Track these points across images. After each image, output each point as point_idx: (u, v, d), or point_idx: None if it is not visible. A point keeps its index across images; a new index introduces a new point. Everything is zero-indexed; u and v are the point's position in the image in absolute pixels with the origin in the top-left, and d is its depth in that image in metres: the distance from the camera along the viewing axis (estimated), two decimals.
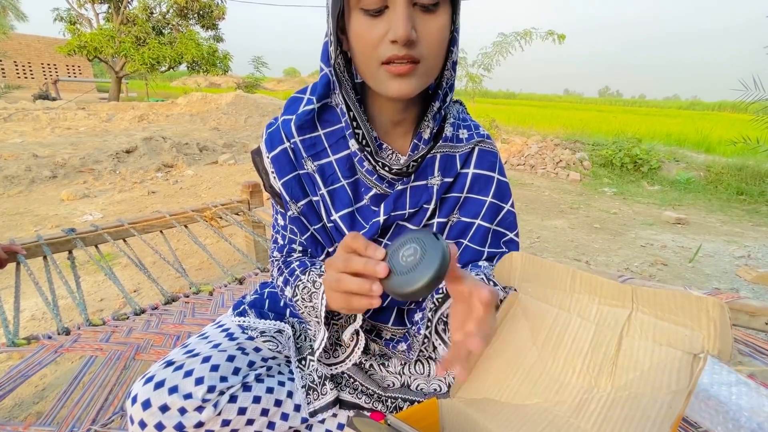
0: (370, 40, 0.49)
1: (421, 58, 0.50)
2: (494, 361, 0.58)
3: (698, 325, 0.47)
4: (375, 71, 0.51)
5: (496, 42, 8.17)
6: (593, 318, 0.54)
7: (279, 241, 0.72)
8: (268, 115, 9.45)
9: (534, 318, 0.58)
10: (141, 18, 13.12)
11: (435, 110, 0.59)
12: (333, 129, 0.62)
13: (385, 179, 0.62)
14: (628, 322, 0.52)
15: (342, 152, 0.62)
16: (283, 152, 0.62)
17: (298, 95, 0.66)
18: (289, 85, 38.27)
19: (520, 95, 53.68)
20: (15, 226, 3.10)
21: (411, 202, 0.63)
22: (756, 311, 0.93)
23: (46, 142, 5.39)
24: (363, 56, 0.51)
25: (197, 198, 4.01)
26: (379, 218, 0.62)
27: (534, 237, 3.35)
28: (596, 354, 0.52)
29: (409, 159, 0.60)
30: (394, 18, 0.47)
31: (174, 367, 0.57)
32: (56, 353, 0.89)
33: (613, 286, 0.55)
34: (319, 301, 0.56)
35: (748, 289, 2.58)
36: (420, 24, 0.49)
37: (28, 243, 1.33)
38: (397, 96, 0.52)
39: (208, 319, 1.12)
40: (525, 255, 0.63)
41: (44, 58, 20.54)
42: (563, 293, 0.57)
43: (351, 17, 0.50)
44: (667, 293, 0.49)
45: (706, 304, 0.46)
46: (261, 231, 1.88)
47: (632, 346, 0.50)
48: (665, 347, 0.48)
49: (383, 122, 0.62)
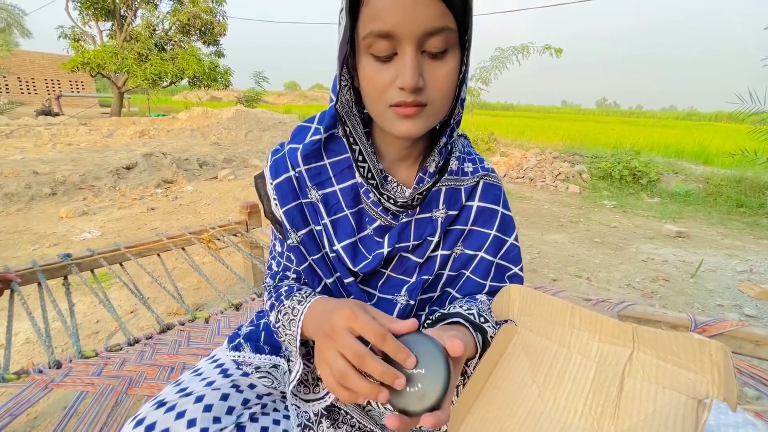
0: (380, 84, 0.50)
1: (428, 102, 0.51)
2: (495, 398, 0.57)
3: (701, 368, 0.45)
4: (383, 112, 0.53)
5: (494, 57, 8.29)
6: (594, 356, 0.53)
7: (274, 267, 0.71)
8: (268, 130, 9.52)
9: (534, 353, 0.57)
10: (144, 35, 13.34)
11: (441, 145, 0.60)
12: (338, 159, 0.63)
13: (389, 211, 0.62)
14: (630, 362, 0.50)
15: (347, 182, 0.62)
16: (287, 180, 0.62)
17: (306, 124, 0.66)
18: (290, 98, 38.67)
19: (518, 107, 54.23)
20: (13, 244, 3.09)
21: (415, 234, 0.63)
22: (761, 340, 0.91)
23: (47, 159, 5.42)
24: (371, 98, 0.53)
25: (196, 214, 4.01)
26: (383, 250, 0.62)
27: (534, 252, 3.33)
28: (598, 395, 0.51)
29: (414, 192, 0.60)
30: (402, 66, 0.48)
31: (165, 408, 0.56)
32: (46, 389, 0.87)
33: (613, 324, 0.53)
34: (297, 329, 0.55)
35: (751, 305, 2.55)
36: (428, 71, 0.50)
37: (23, 270, 1.32)
38: (404, 136, 0.53)
39: (204, 349, 1.10)
40: (523, 288, 0.61)
41: (48, 74, 20.80)
42: (563, 329, 0.56)
43: (361, 59, 0.51)
44: (668, 334, 0.48)
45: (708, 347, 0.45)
46: (259, 252, 1.86)
47: (635, 388, 0.49)
48: (669, 390, 0.47)
49: (390, 154, 0.63)
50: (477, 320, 0.57)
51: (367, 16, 0.48)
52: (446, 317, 0.58)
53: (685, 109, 58.56)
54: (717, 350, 0.41)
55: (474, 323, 0.57)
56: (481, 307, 0.62)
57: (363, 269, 0.63)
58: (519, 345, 0.58)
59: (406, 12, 0.45)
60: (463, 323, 0.56)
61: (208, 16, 13.80)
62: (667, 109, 79.56)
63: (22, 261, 2.79)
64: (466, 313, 0.58)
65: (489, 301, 0.66)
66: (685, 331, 0.98)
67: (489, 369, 0.57)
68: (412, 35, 0.47)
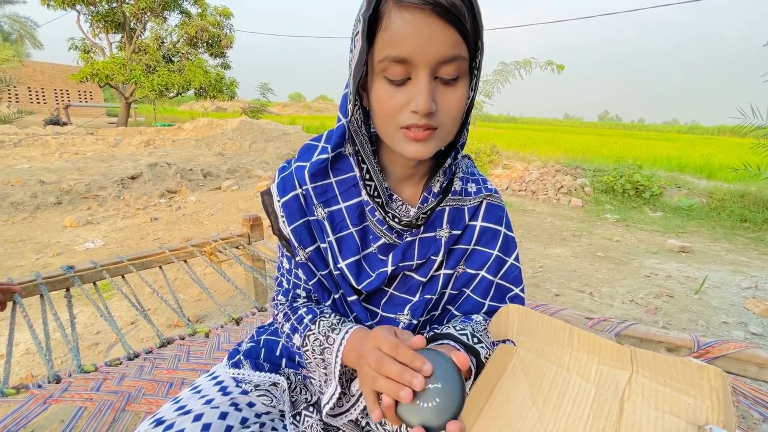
0: (392, 106, 0.51)
1: (439, 125, 0.52)
2: (495, 421, 0.56)
3: (701, 394, 0.45)
4: (394, 133, 0.54)
5: (497, 70, 8.38)
6: (593, 379, 0.53)
7: (284, 284, 0.71)
8: (272, 141, 9.61)
9: (534, 375, 0.57)
10: (152, 47, 13.58)
11: (446, 166, 0.61)
12: (345, 177, 0.64)
13: (394, 229, 0.62)
14: (629, 386, 0.50)
15: (352, 200, 0.63)
16: (294, 198, 0.63)
17: (313, 143, 0.67)
18: (294, 109, 39.08)
19: (520, 119, 54.52)
20: (17, 253, 3.10)
21: (419, 253, 0.64)
22: (765, 362, 0.90)
23: (53, 168, 5.48)
24: (383, 119, 0.54)
25: (199, 225, 4.02)
26: (387, 268, 0.62)
27: (537, 266, 3.31)
28: (598, 419, 0.50)
29: (419, 211, 0.61)
30: (416, 91, 0.49)
31: (164, 427, 0.56)
32: (45, 404, 0.86)
33: (611, 346, 0.53)
34: (333, 357, 0.57)
35: (757, 322, 2.52)
36: (440, 96, 0.51)
37: (26, 282, 1.32)
38: (413, 158, 0.54)
39: (203, 364, 1.10)
40: (521, 308, 0.61)
41: (57, 84, 21.15)
42: (561, 350, 0.56)
43: (374, 82, 0.53)
44: (666, 358, 0.48)
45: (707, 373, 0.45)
46: (260, 265, 1.87)
47: (635, 412, 0.48)
48: (668, 416, 0.46)
49: (395, 173, 0.64)
50: (470, 341, 0.57)
51: (383, 41, 0.49)
52: (438, 338, 0.58)
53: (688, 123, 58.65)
54: (716, 376, 0.41)
55: (466, 345, 0.57)
56: (475, 327, 0.62)
57: (366, 287, 0.64)
58: (518, 366, 0.58)
59: (423, 40, 0.47)
60: (454, 345, 0.56)
61: (215, 29, 14.07)
62: (670, 123, 79.65)
63: (26, 270, 2.80)
64: (458, 335, 0.58)
65: (486, 322, 0.66)
66: (687, 352, 0.97)
67: (488, 390, 0.57)
68: (428, 62, 0.48)
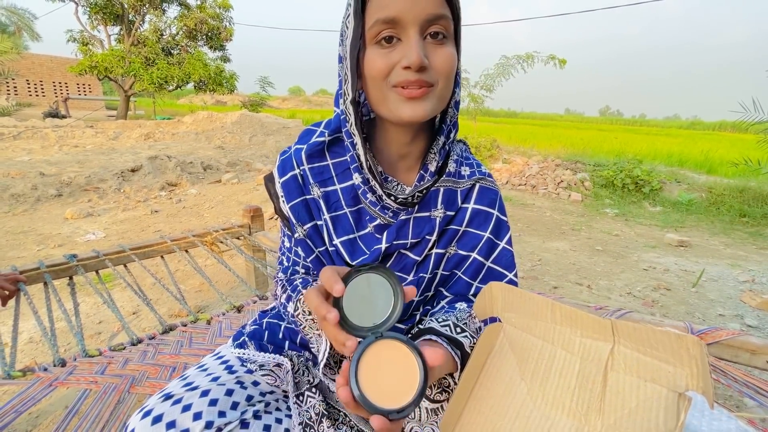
0: (384, 67, 0.53)
1: (434, 82, 0.54)
2: (485, 399, 0.58)
3: (680, 362, 0.46)
4: (387, 94, 0.55)
5: (499, 64, 8.34)
6: (577, 351, 0.54)
7: (284, 262, 0.74)
8: (272, 134, 9.58)
9: (520, 350, 0.58)
10: (151, 39, 13.50)
11: (440, 145, 0.62)
12: (341, 160, 0.66)
13: (389, 209, 0.64)
14: (612, 356, 0.51)
15: (347, 182, 0.65)
16: (292, 178, 0.66)
17: (312, 128, 0.70)
18: (294, 103, 38.92)
19: (521, 114, 54.29)
20: (18, 245, 3.12)
21: (414, 232, 0.65)
22: (757, 349, 0.92)
23: (53, 160, 5.48)
24: (375, 82, 0.55)
25: (200, 217, 4.03)
26: (381, 245, 0.64)
27: (535, 259, 3.33)
28: (583, 390, 0.51)
29: (414, 189, 0.62)
30: (407, 47, 0.52)
31: (172, 401, 0.57)
32: (51, 387, 0.88)
33: (592, 319, 0.54)
34: None
35: (753, 315, 2.54)
36: (431, 53, 0.53)
37: (30, 269, 1.34)
38: (409, 119, 0.55)
39: (205, 350, 1.11)
40: (504, 285, 0.62)
41: (56, 77, 21.04)
42: (545, 324, 0.57)
43: (367, 52, 0.55)
44: (646, 329, 0.49)
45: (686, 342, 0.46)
46: (261, 256, 1.88)
47: (618, 382, 0.49)
48: (650, 384, 0.47)
49: (390, 155, 0.65)
50: (453, 332, 0.58)
51: (372, 9, 0.52)
52: (421, 333, 0.59)
53: (689, 118, 58.45)
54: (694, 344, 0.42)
55: (449, 337, 0.58)
56: (459, 315, 0.62)
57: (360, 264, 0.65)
58: (505, 342, 0.59)
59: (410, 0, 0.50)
60: (436, 340, 0.57)
61: (215, 22, 13.97)
62: (671, 118, 79.37)
63: (27, 261, 2.82)
64: (440, 328, 0.59)
65: (470, 308, 0.67)
66: None
67: (478, 370, 0.58)
68: (416, 20, 0.51)
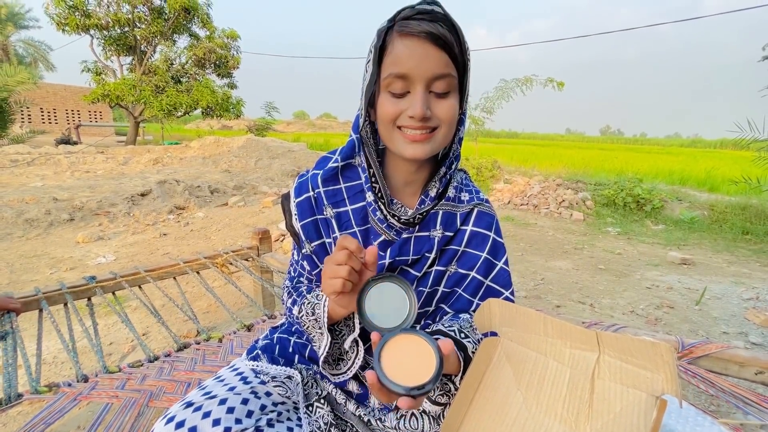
0: (393, 112, 0.64)
1: (437, 126, 0.65)
2: (485, 408, 0.63)
3: (656, 367, 0.51)
4: (393, 133, 0.66)
5: (498, 87, 8.58)
6: (567, 361, 0.59)
7: (292, 272, 0.85)
8: (277, 158, 9.78)
9: (516, 362, 0.63)
10: (161, 68, 14.01)
11: (442, 174, 0.72)
12: (353, 184, 0.75)
13: (393, 228, 0.73)
14: (598, 365, 0.57)
15: (358, 203, 0.75)
16: (306, 200, 0.76)
17: (328, 155, 0.80)
18: (299, 127, 39.69)
19: (522, 135, 54.90)
20: (32, 268, 3.20)
21: (414, 249, 0.73)
22: (745, 361, 0.96)
23: (66, 186, 5.64)
24: (385, 123, 0.66)
25: (207, 240, 4.12)
26: (385, 261, 0.72)
27: (538, 278, 3.36)
28: (573, 397, 0.57)
29: (416, 211, 0.72)
30: (414, 99, 0.62)
31: (193, 408, 0.62)
32: (75, 401, 0.93)
33: (580, 331, 0.60)
34: (321, 311, 0.67)
35: (757, 333, 2.54)
36: (434, 104, 0.64)
37: (52, 291, 1.41)
38: (411, 157, 0.66)
39: (218, 366, 1.16)
40: (501, 302, 0.68)
41: (68, 105, 21.72)
42: (538, 337, 0.63)
43: (380, 97, 0.66)
44: (626, 338, 0.55)
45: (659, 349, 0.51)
46: (269, 276, 1.94)
47: (604, 389, 0.55)
48: (632, 389, 0.53)
49: (397, 181, 0.75)
50: (458, 336, 0.65)
51: (388, 63, 0.63)
52: (431, 334, 0.66)
53: (690, 137, 58.74)
54: (666, 351, 0.48)
55: (455, 339, 0.64)
56: (462, 324, 0.70)
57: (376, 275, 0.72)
58: (503, 354, 0.65)
59: (419, 59, 0.61)
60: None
61: (222, 51, 14.51)
62: (672, 137, 79.76)
63: (41, 284, 2.89)
64: (447, 330, 0.66)
65: (472, 319, 0.74)
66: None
67: (477, 381, 0.64)
68: (423, 77, 0.61)
